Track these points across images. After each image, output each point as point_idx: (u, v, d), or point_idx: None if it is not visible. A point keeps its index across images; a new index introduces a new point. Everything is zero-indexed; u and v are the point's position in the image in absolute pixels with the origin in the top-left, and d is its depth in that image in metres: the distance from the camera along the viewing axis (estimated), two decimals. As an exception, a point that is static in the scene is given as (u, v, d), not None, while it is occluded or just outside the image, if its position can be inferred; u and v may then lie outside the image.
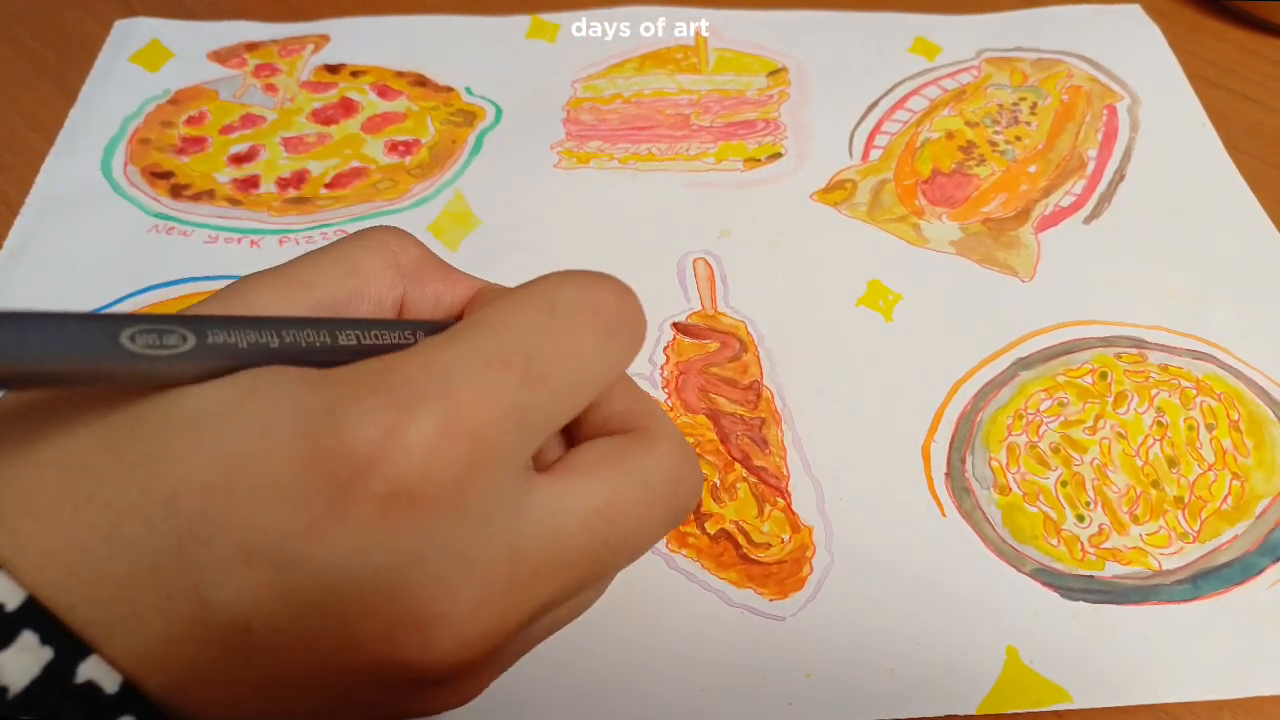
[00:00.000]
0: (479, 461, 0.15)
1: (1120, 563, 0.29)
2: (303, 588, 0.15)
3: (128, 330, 0.15)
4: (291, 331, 0.17)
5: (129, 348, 0.15)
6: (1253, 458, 0.31)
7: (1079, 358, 0.33)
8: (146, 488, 0.15)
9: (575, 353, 0.17)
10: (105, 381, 0.15)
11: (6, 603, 0.14)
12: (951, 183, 0.39)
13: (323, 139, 0.39)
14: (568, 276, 0.18)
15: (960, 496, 0.30)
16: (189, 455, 0.15)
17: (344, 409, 0.15)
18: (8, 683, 0.14)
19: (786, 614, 0.27)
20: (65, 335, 0.14)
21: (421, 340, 0.19)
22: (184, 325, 0.15)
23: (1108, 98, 0.42)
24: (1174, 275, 0.36)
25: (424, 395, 0.15)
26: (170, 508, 0.15)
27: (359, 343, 0.18)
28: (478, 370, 0.16)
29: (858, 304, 0.35)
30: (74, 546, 0.15)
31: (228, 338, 0.16)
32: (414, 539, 0.15)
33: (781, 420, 0.31)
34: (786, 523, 0.29)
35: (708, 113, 0.41)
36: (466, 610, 0.16)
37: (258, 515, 0.15)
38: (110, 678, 0.15)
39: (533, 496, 0.17)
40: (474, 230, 0.36)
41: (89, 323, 0.14)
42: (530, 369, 0.16)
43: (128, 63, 0.41)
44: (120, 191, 0.37)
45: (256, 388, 0.16)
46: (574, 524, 0.17)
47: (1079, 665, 0.27)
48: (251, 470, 0.15)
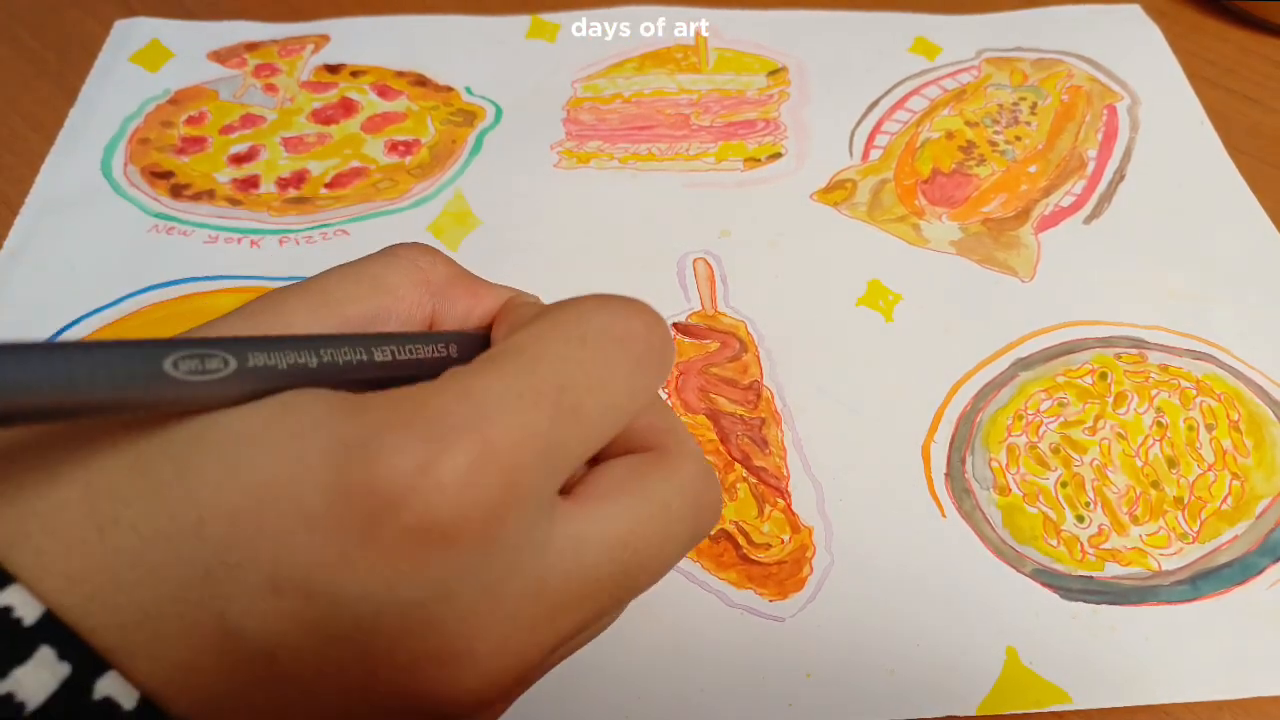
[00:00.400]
0: (510, 496, 0.15)
1: (1120, 563, 0.29)
2: (330, 619, 0.15)
3: (171, 356, 0.14)
4: (329, 350, 0.17)
5: (172, 374, 0.14)
6: (1252, 458, 0.31)
7: (1079, 358, 0.33)
8: (174, 513, 0.15)
9: (606, 384, 0.17)
10: (146, 410, 0.15)
11: (24, 617, 0.14)
12: (951, 183, 0.39)
13: (323, 139, 0.39)
14: (599, 304, 0.18)
15: (960, 497, 0.30)
16: (219, 480, 0.15)
17: (378, 440, 0.15)
18: (25, 698, 0.13)
19: (786, 614, 0.27)
20: (109, 365, 0.14)
21: (454, 353, 0.20)
22: (226, 348, 0.15)
23: (1108, 98, 0.42)
24: (1174, 275, 0.36)
25: (457, 429, 0.15)
26: (198, 534, 0.15)
27: (394, 358, 0.18)
28: (510, 403, 0.16)
29: (858, 304, 0.35)
30: (99, 570, 0.14)
31: (268, 359, 0.16)
32: (443, 574, 0.15)
33: (781, 420, 0.31)
34: (786, 523, 0.29)
35: (708, 113, 0.41)
36: (493, 646, 0.16)
37: (287, 545, 0.15)
38: (128, 694, 0.14)
39: (558, 527, 0.17)
40: (474, 230, 0.36)
41: (132, 351, 0.14)
42: (562, 402, 0.16)
43: (128, 63, 0.41)
44: (120, 191, 0.37)
45: (290, 413, 0.16)
46: (598, 555, 0.17)
47: (1079, 666, 0.27)
48: (282, 499, 0.15)
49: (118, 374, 0.14)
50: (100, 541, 0.15)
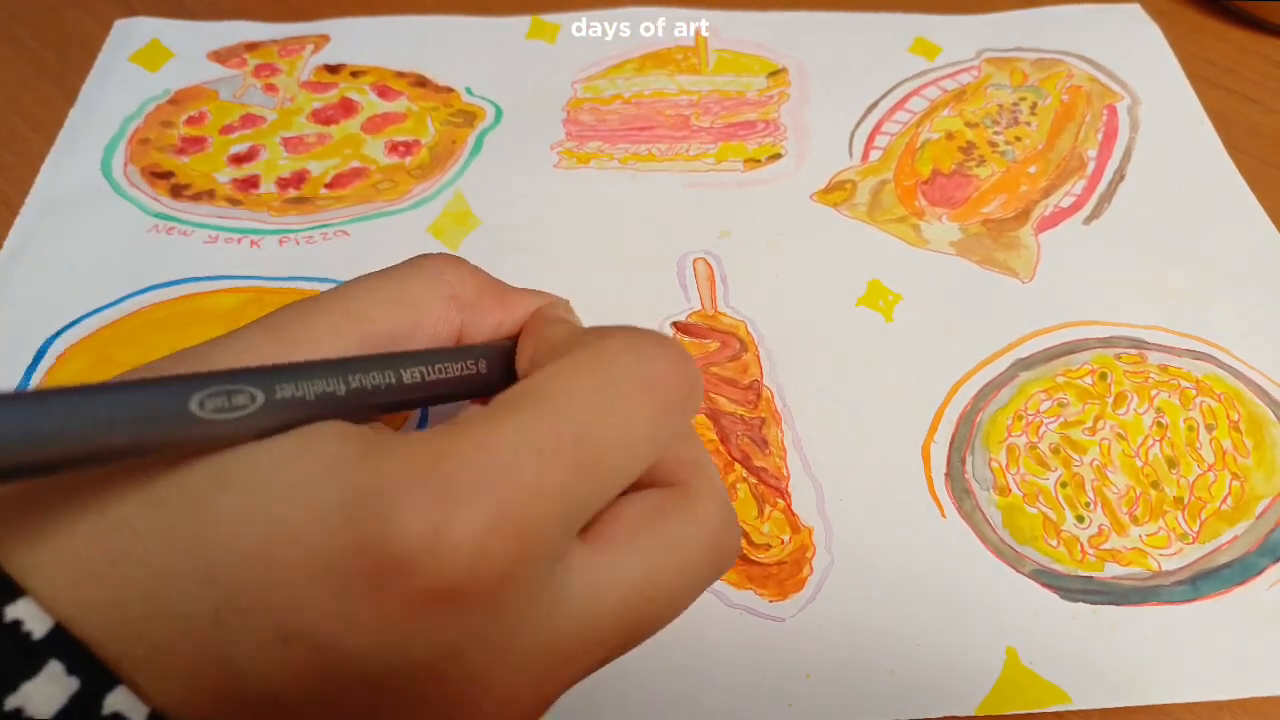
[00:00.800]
0: (524, 557, 0.15)
1: (1120, 563, 0.29)
2: (337, 671, 0.15)
3: (198, 395, 0.14)
4: (357, 375, 0.16)
5: (198, 414, 0.14)
6: (1252, 458, 0.31)
7: (1079, 358, 0.33)
8: (186, 550, 0.15)
9: (628, 436, 0.17)
10: (171, 450, 0.15)
11: (34, 631, 0.14)
12: (951, 183, 0.39)
13: (323, 139, 0.39)
14: (627, 343, 0.17)
15: (960, 497, 0.30)
16: (232, 522, 0.15)
17: (392, 494, 0.14)
18: (34, 713, 0.13)
19: (786, 615, 0.27)
20: (133, 407, 0.13)
21: (483, 368, 0.19)
22: (253, 381, 0.15)
23: (1108, 98, 0.42)
24: (1174, 275, 0.36)
25: (473, 488, 0.15)
26: (208, 575, 0.14)
27: (424, 379, 0.18)
28: (529, 459, 0.15)
29: (858, 304, 0.35)
30: (108, 603, 0.14)
31: (295, 391, 0.15)
32: (453, 634, 0.15)
33: (781, 420, 0.31)
34: (786, 523, 0.29)
35: (708, 113, 0.41)
36: (501, 700, 0.16)
37: (296, 595, 0.14)
38: (137, 709, 0.14)
39: (573, 575, 0.16)
40: (474, 230, 0.36)
41: (157, 392, 0.14)
42: (581, 455, 0.16)
43: (128, 63, 0.41)
44: (120, 191, 0.37)
45: (307, 454, 0.15)
46: (612, 604, 0.17)
47: (1079, 666, 0.27)
48: (293, 547, 0.14)
49: (142, 417, 0.13)
50: (111, 573, 0.14)
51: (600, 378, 0.17)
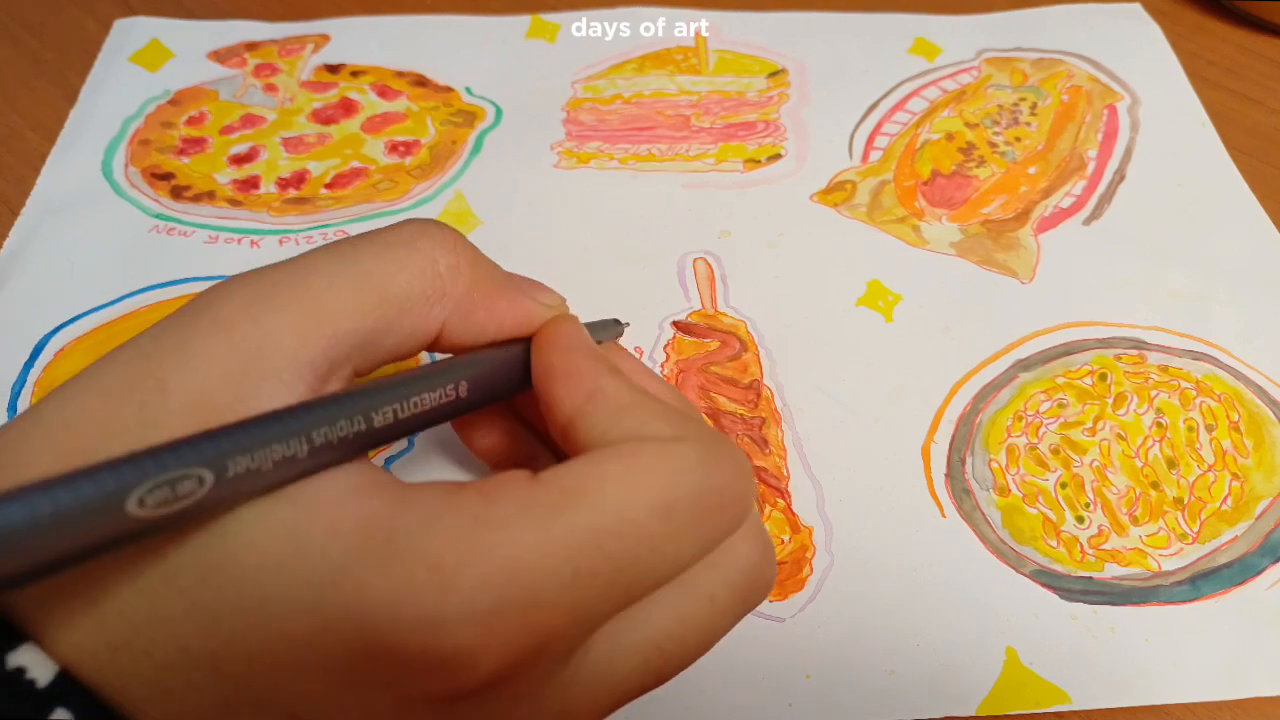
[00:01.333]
0: (541, 660, 0.15)
1: (1120, 564, 0.29)
2: None
3: (135, 493, 0.12)
4: (321, 430, 0.15)
5: (137, 514, 0.12)
6: (1252, 458, 0.31)
7: (1078, 359, 0.33)
8: (187, 646, 0.14)
9: (675, 562, 0.15)
10: (120, 546, 0.13)
11: (38, 679, 0.14)
12: (951, 184, 0.39)
13: (323, 139, 0.39)
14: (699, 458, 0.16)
15: (960, 498, 0.30)
16: (232, 627, 0.14)
17: (409, 610, 0.14)
18: None
19: (786, 615, 0.27)
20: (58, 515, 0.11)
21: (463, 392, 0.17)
22: (199, 459, 0.13)
23: (1108, 98, 0.42)
24: (1174, 275, 0.36)
25: (501, 606, 0.14)
26: (214, 669, 0.14)
27: (396, 419, 0.16)
28: (564, 578, 0.14)
29: (858, 304, 0.35)
30: (108, 685, 0.14)
31: (250, 463, 0.14)
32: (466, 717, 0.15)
33: (781, 420, 0.31)
34: (786, 523, 0.29)
35: (708, 114, 0.41)
36: None
37: (307, 691, 0.14)
38: None
39: (591, 645, 0.15)
40: (474, 230, 0.36)
41: (85, 488, 0.12)
42: (618, 581, 0.15)
43: (128, 63, 0.41)
44: (120, 192, 0.37)
45: (307, 544, 0.14)
46: (630, 666, 0.16)
47: (1078, 666, 0.27)
48: (301, 649, 0.14)
49: (73, 522, 0.12)
50: (111, 659, 0.14)
51: (663, 499, 0.15)
